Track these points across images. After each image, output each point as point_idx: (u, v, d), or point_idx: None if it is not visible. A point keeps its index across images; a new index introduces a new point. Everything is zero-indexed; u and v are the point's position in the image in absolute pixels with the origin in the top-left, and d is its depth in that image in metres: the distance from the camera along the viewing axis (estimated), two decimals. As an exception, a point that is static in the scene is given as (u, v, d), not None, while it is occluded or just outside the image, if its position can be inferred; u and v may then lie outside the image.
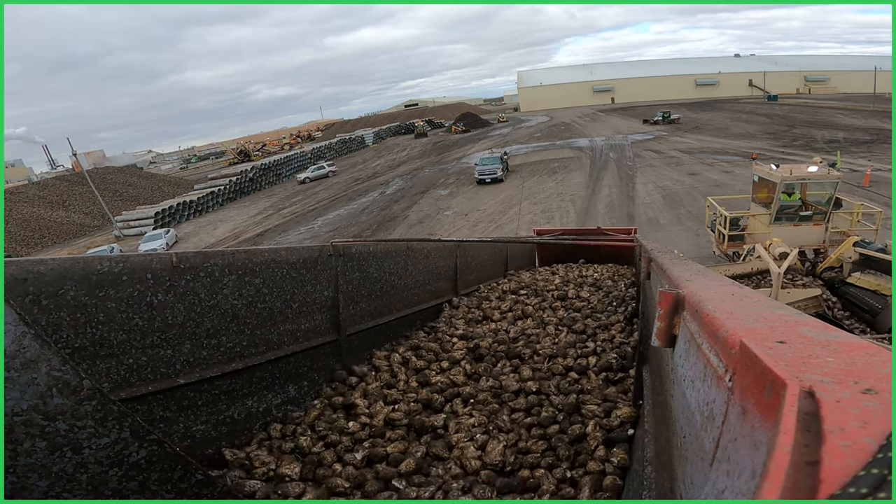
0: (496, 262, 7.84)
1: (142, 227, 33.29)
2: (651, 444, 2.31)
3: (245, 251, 3.06)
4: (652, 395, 2.80)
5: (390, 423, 3.02)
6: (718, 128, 45.80)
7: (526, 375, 3.38)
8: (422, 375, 3.61)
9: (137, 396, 2.40)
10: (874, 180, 20.35)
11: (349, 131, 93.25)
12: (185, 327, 2.65)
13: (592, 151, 40.36)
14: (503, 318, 4.90)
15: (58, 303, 2.07)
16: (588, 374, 3.39)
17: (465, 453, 2.62)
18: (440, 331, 4.60)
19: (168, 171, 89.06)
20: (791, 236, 10.56)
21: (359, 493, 2.45)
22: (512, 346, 4.00)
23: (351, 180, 45.90)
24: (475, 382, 3.47)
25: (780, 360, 0.72)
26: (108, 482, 1.76)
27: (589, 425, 2.73)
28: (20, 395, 1.55)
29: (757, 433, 0.69)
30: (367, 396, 3.36)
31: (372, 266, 4.33)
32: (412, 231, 24.12)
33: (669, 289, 1.73)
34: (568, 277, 6.55)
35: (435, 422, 2.97)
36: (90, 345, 2.20)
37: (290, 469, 2.55)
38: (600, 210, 22.68)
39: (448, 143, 65.50)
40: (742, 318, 1.07)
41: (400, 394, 3.37)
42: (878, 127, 33.84)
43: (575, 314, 4.77)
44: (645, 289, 3.93)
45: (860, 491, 0.44)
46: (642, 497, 2.09)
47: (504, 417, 2.93)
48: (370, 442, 2.81)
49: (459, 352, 3.95)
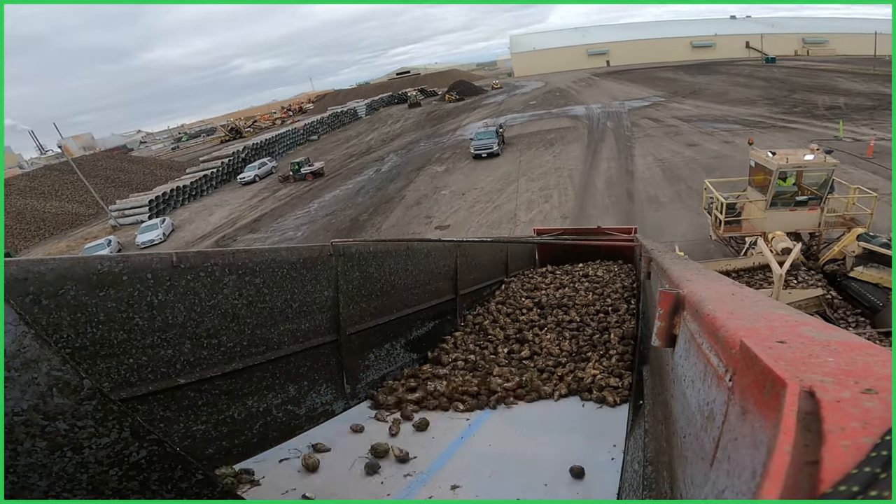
0: (496, 261, 7.86)
1: (137, 216, 33.01)
2: (651, 443, 2.35)
3: (245, 251, 3.08)
4: (652, 394, 2.89)
5: (507, 338, 5.26)
6: (717, 93, 44.99)
7: (572, 315, 5.70)
8: (513, 316, 5.89)
9: (138, 396, 2.44)
10: (877, 150, 20.04)
11: (341, 103, 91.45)
12: (185, 327, 2.67)
13: (589, 120, 39.72)
14: (548, 287, 6.97)
15: (58, 302, 2.09)
16: (609, 313, 5.68)
17: (551, 349, 4.87)
18: (510, 295, 6.81)
19: (160, 151, 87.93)
20: (787, 221, 10.60)
21: (513, 369, 4.50)
22: (559, 301, 6.21)
23: (344, 157, 45.30)
24: (543, 319, 5.71)
25: (781, 360, 0.72)
26: (108, 482, 1.76)
27: (612, 335, 4.97)
28: (20, 394, 1.56)
29: (757, 433, 0.70)
30: (486, 325, 5.59)
31: (372, 266, 4.39)
32: (410, 213, 23.95)
33: (669, 289, 1.74)
34: (587, 270, 8.35)
35: (528, 336, 5.17)
36: (90, 344, 2.22)
37: (473, 355, 4.80)
38: (599, 187, 22.45)
39: (442, 112, 64.41)
40: (742, 318, 1.08)
41: (505, 323, 5.62)
42: (880, 92, 33.18)
43: (595, 284, 6.98)
44: (645, 288, 4.22)
45: (851, 489, 0.44)
46: (642, 497, 2.13)
47: (565, 334, 5.21)
48: (500, 346, 5.02)
49: (528, 304, 6.24)
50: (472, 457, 3.13)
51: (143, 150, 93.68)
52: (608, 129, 35.28)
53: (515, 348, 5.01)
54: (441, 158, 35.57)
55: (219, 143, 78.61)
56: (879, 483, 0.43)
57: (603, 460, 2.94)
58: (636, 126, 34.59)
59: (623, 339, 4.86)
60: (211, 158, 46.43)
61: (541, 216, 20.09)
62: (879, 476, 0.44)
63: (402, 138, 49.53)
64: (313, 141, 59.57)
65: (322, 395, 3.71)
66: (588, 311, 5.80)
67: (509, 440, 3.40)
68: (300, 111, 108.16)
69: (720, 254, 12.86)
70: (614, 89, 58.87)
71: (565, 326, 5.38)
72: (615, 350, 4.63)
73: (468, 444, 3.32)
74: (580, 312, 5.75)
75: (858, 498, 0.43)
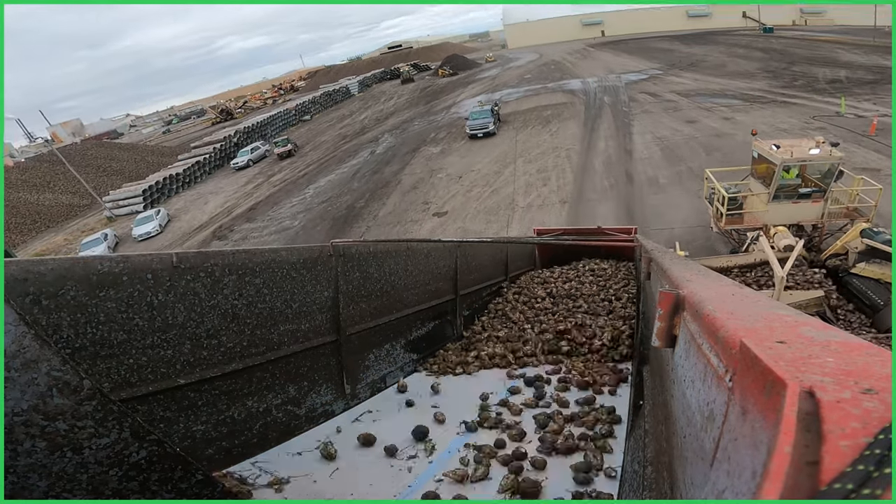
0: (496, 262, 7.89)
1: (132, 206, 32.69)
2: (651, 444, 2.38)
3: (245, 251, 3.08)
4: (652, 395, 2.93)
5: (527, 319, 6.12)
6: (715, 65, 44.19)
7: (580, 303, 6.50)
8: (529, 304, 6.71)
9: (138, 396, 2.45)
10: (880, 128, 19.68)
11: (333, 80, 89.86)
12: (185, 327, 2.68)
13: (586, 95, 39.12)
14: (556, 280, 7.69)
15: (58, 303, 2.09)
16: (612, 300, 6.45)
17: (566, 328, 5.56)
18: (524, 287, 7.55)
19: (151, 135, 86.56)
20: (789, 213, 10.49)
21: (538, 344, 5.27)
22: (569, 291, 7.04)
23: (338, 138, 44.72)
24: (556, 306, 6.48)
25: (781, 360, 0.73)
26: (108, 482, 1.78)
27: (616, 313, 5.93)
28: (20, 395, 1.56)
29: (757, 433, 0.71)
30: (507, 312, 6.49)
31: (372, 266, 4.39)
32: (406, 199, 23.76)
33: (670, 289, 1.74)
34: (591, 265, 8.99)
35: (544, 320, 5.96)
36: (90, 345, 2.23)
37: (501, 332, 5.78)
38: (598, 168, 22.24)
39: (436, 88, 63.38)
40: (742, 319, 1.09)
41: (524, 309, 6.53)
42: (881, 65, 32.44)
43: (600, 277, 7.65)
44: (645, 289, 4.21)
45: (846, 487, 0.44)
46: (642, 497, 2.16)
47: (578, 316, 5.88)
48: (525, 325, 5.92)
49: (542, 293, 7.01)
50: (472, 455, 3.23)
51: (134, 134, 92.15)
52: (605, 104, 34.77)
53: (536, 328, 6.04)
54: (436, 139, 35.12)
55: (210, 125, 77.55)
56: (873, 481, 0.43)
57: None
58: (634, 101, 34.10)
59: (625, 319, 5.74)
60: (202, 144, 45.78)
61: (539, 200, 19.94)
62: (873, 474, 0.44)
63: (397, 117, 48.83)
64: (306, 121, 58.68)
65: (322, 396, 3.74)
66: (594, 299, 6.62)
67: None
68: (292, 89, 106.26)
69: (721, 242, 12.80)
70: (610, 61, 57.85)
71: (575, 311, 6.26)
72: (620, 322, 5.64)
73: (470, 441, 3.42)
74: (587, 301, 6.60)
75: (852, 497, 0.43)
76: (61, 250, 29.09)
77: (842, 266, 8.88)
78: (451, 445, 3.41)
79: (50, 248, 30.11)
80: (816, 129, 21.02)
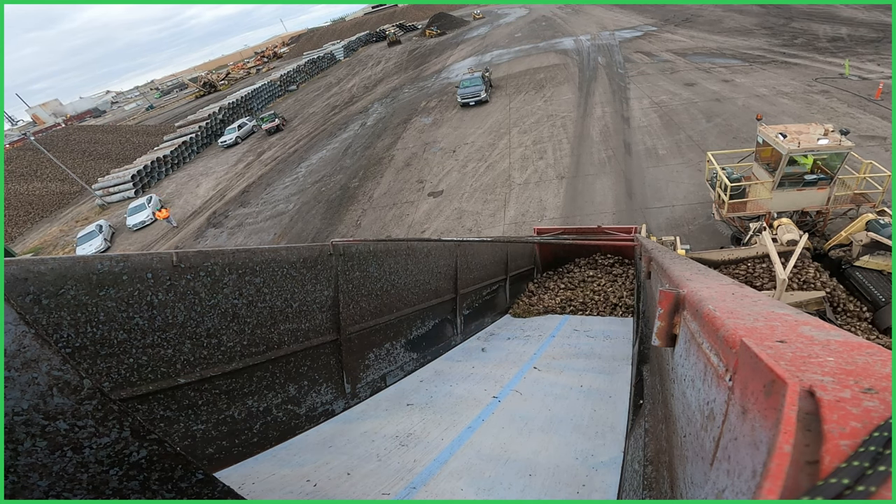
0: (496, 261, 7.88)
1: (122, 193, 32.17)
2: (651, 443, 2.41)
3: (245, 250, 3.10)
4: (652, 394, 2.96)
5: (562, 297, 8.44)
6: (711, 21, 42.67)
7: (599, 285, 8.63)
8: (566, 280, 9.03)
9: (138, 396, 2.48)
10: (885, 92, 19.05)
11: (317, 45, 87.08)
12: (185, 327, 2.70)
13: (579, 55, 38.04)
14: (580, 268, 9.59)
15: (58, 302, 2.12)
16: (619, 285, 8.31)
17: (595, 297, 8.43)
18: (554, 274, 9.69)
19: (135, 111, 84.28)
20: (794, 200, 10.29)
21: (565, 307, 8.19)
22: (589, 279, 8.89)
23: (327, 108, 43.66)
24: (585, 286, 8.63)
25: (781, 359, 0.73)
26: (108, 482, 1.80)
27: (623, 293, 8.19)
28: (21, 394, 1.58)
29: (757, 433, 0.71)
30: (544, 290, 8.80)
31: (372, 265, 4.40)
32: (401, 177, 23.39)
33: (670, 288, 1.75)
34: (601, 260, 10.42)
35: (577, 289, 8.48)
36: (91, 344, 2.25)
37: (549, 291, 8.90)
38: (594, 138, 21.82)
39: (424, 50, 61.58)
40: (742, 318, 1.09)
41: (563, 285, 8.79)
42: (882, 21, 31.09)
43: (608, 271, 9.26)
44: (645, 288, 4.17)
45: (842, 482, 0.44)
46: (642, 496, 2.20)
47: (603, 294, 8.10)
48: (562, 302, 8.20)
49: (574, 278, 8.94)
50: (472, 455, 3.25)
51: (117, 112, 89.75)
52: (600, 65, 33.84)
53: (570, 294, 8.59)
54: (427, 108, 34.34)
55: (194, 98, 75.55)
56: (868, 478, 0.43)
57: (603, 460, 3.05)
58: (629, 62, 33.17)
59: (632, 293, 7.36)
60: (187, 123, 44.63)
61: (536, 176, 19.65)
62: (868, 471, 0.44)
63: (385, 84, 47.58)
64: (292, 91, 57.21)
65: (322, 395, 3.77)
66: (610, 284, 8.60)
67: (510, 439, 3.51)
68: (275, 56, 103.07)
69: (723, 224, 12.64)
70: (602, 17, 56.00)
71: (598, 292, 8.59)
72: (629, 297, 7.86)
73: (470, 441, 3.46)
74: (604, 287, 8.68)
75: (847, 494, 0.43)
76: (58, 242, 28.77)
77: (845, 257, 8.81)
78: (452, 445, 3.43)
79: (47, 241, 29.75)
80: (819, 93, 20.51)
